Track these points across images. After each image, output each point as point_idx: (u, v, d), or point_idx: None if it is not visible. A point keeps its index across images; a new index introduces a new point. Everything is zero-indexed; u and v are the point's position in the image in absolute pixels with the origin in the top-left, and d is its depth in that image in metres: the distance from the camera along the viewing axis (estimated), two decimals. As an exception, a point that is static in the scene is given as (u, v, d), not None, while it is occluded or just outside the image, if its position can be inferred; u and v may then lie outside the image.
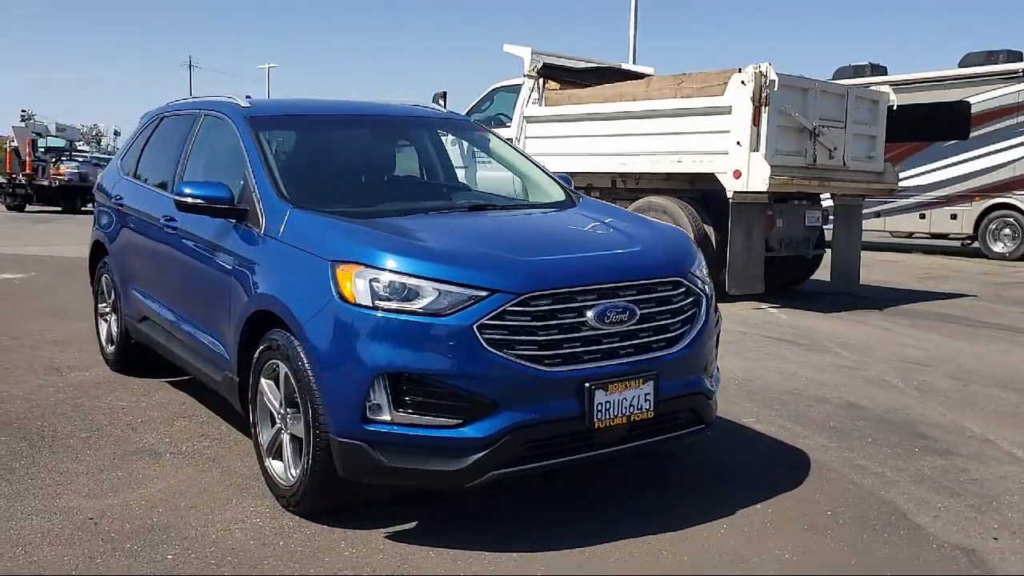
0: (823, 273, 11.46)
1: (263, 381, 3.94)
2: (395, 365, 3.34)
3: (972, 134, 17.49)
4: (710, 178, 9.80)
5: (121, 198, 5.78)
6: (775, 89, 9.24)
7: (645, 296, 3.66)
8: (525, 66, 11.72)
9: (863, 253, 11.59)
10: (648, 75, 12.56)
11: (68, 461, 4.43)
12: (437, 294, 3.37)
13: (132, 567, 3.31)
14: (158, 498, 3.97)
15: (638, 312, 3.60)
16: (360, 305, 3.41)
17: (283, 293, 3.72)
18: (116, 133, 62.27)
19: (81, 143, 42.39)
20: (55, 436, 4.81)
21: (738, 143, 9.35)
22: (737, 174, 9.37)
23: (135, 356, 5.97)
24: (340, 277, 3.48)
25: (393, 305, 3.38)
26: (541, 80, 11.57)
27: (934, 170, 18.13)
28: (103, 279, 6.23)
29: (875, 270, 13.60)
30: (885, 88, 11.20)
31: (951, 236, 18.78)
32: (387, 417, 3.37)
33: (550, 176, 5.05)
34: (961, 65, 18.47)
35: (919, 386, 6.22)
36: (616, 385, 3.49)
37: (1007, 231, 17.57)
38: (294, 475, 3.73)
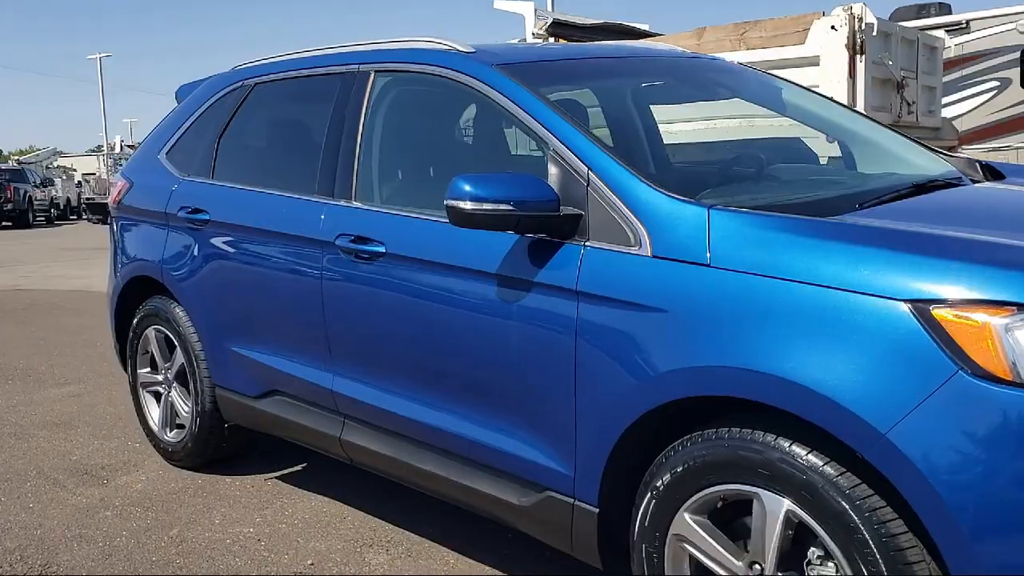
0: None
1: (687, 518, 2.18)
2: None
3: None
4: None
5: (201, 212, 3.71)
6: (873, 34, 7.89)
7: None
8: (528, 24, 9.95)
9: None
10: (647, 32, 11.06)
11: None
12: None
13: None
14: None
15: None
16: (1031, 387, 1.73)
17: (802, 371, 1.95)
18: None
19: None
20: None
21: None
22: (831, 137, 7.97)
23: (226, 446, 4.00)
24: (961, 331, 1.78)
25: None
26: (552, 40, 9.85)
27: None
28: (150, 333, 4.13)
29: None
30: (940, 33, 10.09)
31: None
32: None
33: (915, 142, 3.52)
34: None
35: None
36: None
37: None
38: None
